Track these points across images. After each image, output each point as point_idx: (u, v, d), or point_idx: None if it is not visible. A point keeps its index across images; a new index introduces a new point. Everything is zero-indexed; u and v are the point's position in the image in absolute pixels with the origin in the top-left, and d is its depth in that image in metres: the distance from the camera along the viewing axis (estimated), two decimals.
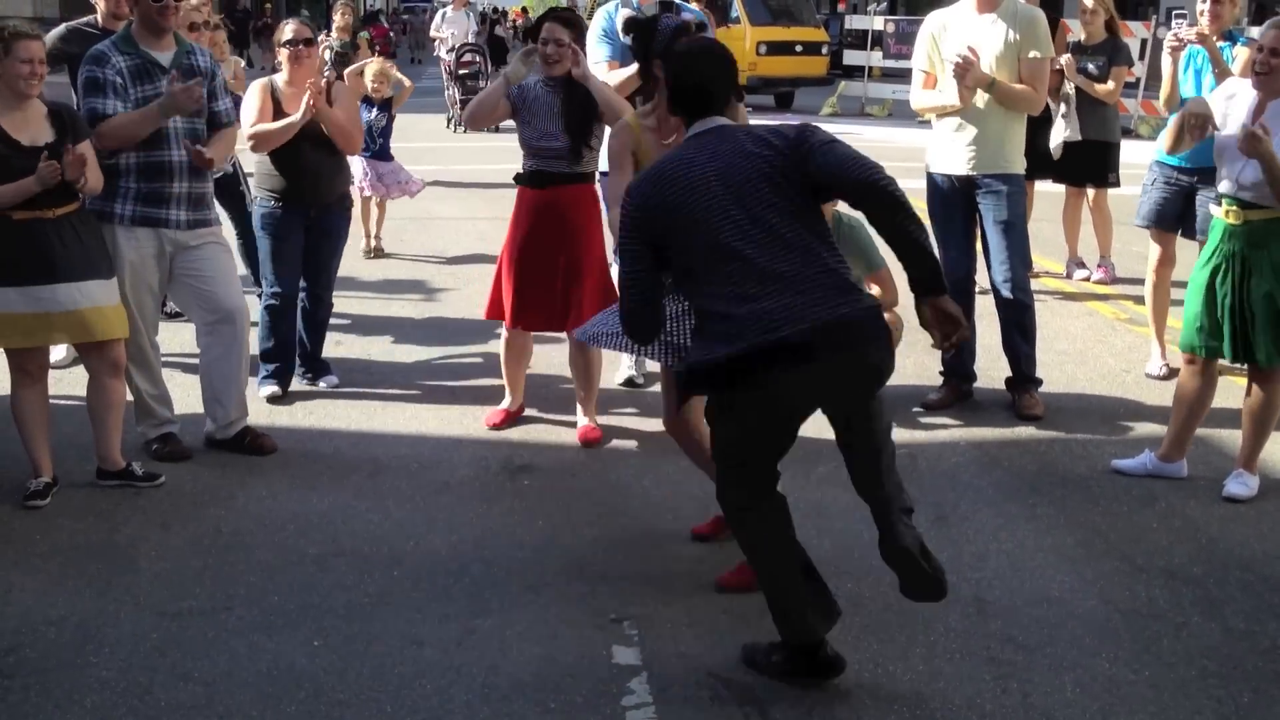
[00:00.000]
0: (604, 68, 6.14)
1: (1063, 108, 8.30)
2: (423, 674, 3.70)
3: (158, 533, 4.62)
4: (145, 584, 4.22)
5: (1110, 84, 8.38)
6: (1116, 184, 8.71)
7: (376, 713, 3.51)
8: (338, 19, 12.17)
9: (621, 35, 6.05)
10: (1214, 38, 6.28)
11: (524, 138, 5.54)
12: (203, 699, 3.56)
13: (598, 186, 5.60)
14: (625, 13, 6.01)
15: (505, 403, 5.86)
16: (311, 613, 4.05)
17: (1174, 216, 6.61)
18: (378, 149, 9.40)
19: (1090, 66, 8.36)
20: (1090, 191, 8.74)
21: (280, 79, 5.90)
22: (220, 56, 6.90)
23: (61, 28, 6.64)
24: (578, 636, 3.94)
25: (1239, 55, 6.29)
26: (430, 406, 6.03)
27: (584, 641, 3.91)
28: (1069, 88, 8.30)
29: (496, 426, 5.75)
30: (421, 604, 4.11)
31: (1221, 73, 6.15)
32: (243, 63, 7.30)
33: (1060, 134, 8.37)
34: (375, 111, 9.35)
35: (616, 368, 6.46)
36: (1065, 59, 8.10)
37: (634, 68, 5.87)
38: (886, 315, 5.85)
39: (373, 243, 9.50)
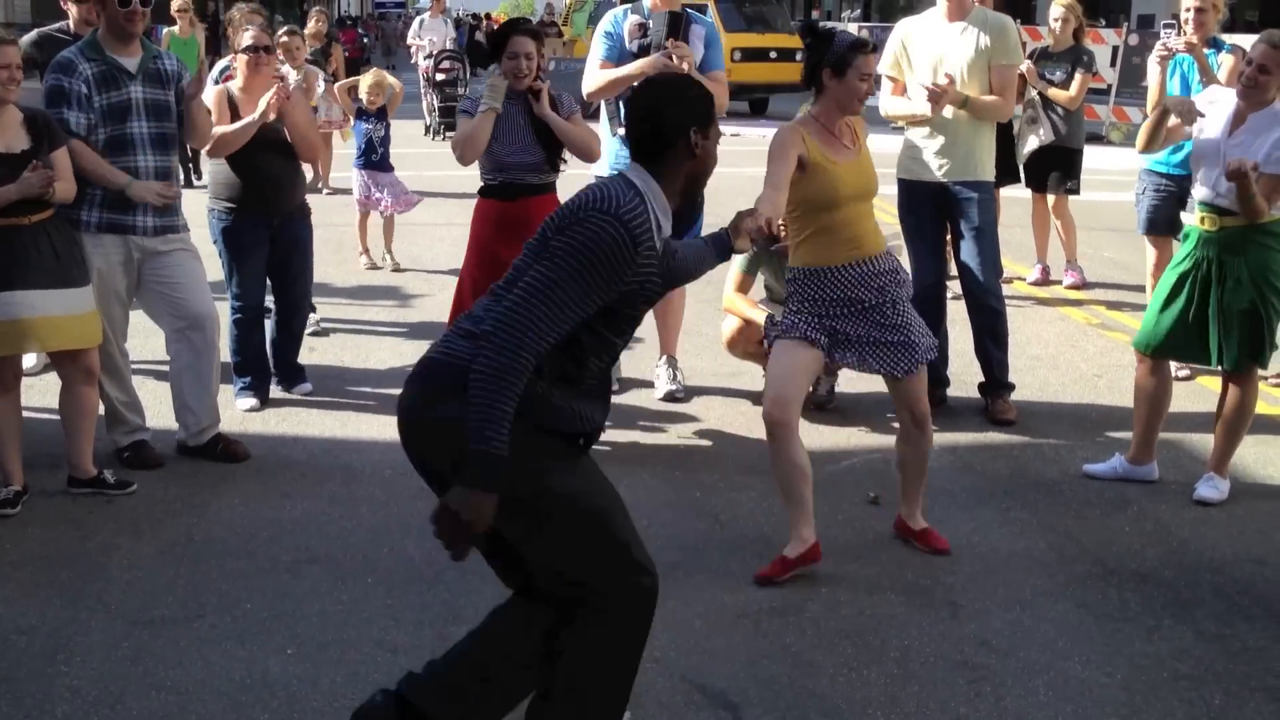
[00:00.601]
0: (597, 65, 6.13)
1: (1029, 113, 8.37)
2: (395, 680, 3.68)
3: (129, 541, 4.59)
4: (117, 592, 4.20)
5: (1073, 90, 8.43)
6: (1076, 191, 8.78)
7: None
8: (311, 25, 12.11)
9: (627, 41, 6.07)
10: (1201, 46, 6.35)
11: (494, 153, 5.45)
12: (175, 708, 3.54)
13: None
14: (634, 19, 6.02)
15: None
16: (285, 621, 4.03)
17: (1167, 221, 6.68)
18: (378, 159, 9.26)
19: (1056, 74, 8.42)
20: (1050, 197, 8.79)
21: (236, 86, 5.86)
22: (296, 64, 6.76)
23: (34, 33, 6.60)
24: None
25: (1224, 62, 6.37)
26: None
27: None
28: (1032, 93, 8.38)
29: None
30: (396, 611, 4.10)
31: (1209, 81, 6.20)
32: (320, 74, 7.00)
33: (1033, 141, 8.44)
34: (373, 122, 9.24)
35: None
36: (1026, 65, 8.17)
37: (628, 68, 5.87)
38: None
39: (388, 258, 9.37)
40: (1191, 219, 5.08)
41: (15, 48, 4.68)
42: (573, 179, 5.30)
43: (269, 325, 6.17)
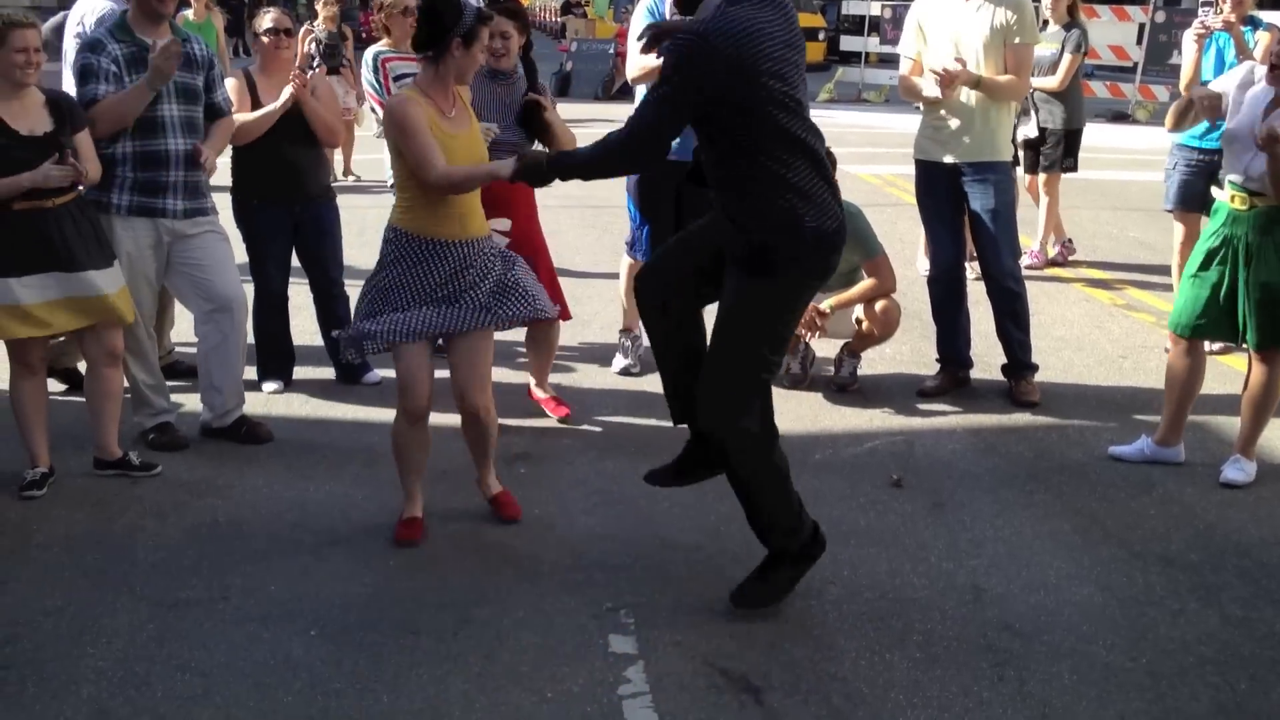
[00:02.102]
0: (639, 48, 6.11)
1: (1023, 103, 8.27)
2: (419, 663, 3.70)
3: (154, 523, 4.62)
4: (142, 574, 4.22)
5: (1060, 73, 8.31)
6: (1074, 169, 8.71)
7: (373, 703, 3.51)
8: (323, 9, 12.05)
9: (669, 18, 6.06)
10: (1239, 24, 6.29)
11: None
12: (200, 689, 3.56)
13: None
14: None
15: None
16: (308, 603, 4.05)
17: (1198, 197, 6.64)
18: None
19: (1043, 55, 8.32)
20: (1042, 176, 8.70)
21: (255, 69, 5.84)
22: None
23: (59, 15, 6.61)
24: (574, 625, 3.94)
25: (1260, 40, 6.32)
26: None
27: (580, 630, 3.91)
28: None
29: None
30: (418, 593, 4.11)
31: (1246, 59, 6.14)
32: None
33: (1021, 131, 8.34)
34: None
35: (579, 343, 6.46)
36: None
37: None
38: (883, 302, 5.94)
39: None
40: (1223, 195, 5.04)
41: (36, 31, 4.68)
42: None
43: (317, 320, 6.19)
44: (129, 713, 3.44)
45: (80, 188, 4.76)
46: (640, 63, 5.91)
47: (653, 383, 6.23)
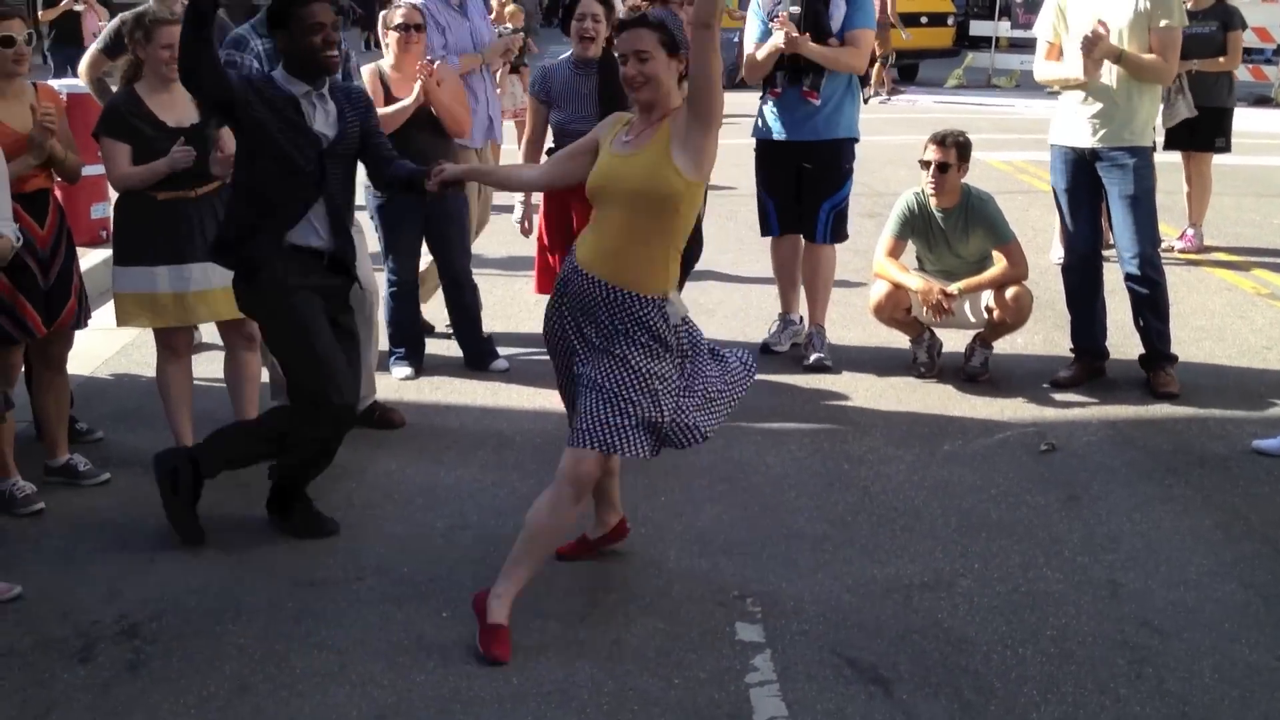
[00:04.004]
0: (751, 46, 6.24)
1: (1177, 82, 8.04)
2: (547, 646, 3.74)
3: None
4: (281, 554, 4.34)
5: (1230, 53, 8.13)
6: (1226, 149, 8.47)
7: (504, 684, 3.56)
8: (511, 6, 11.94)
9: (763, 11, 6.11)
10: None
11: (555, 121, 5.62)
12: (336, 666, 3.65)
13: None
14: None
15: None
16: (440, 585, 4.12)
17: None
18: None
19: (1200, 32, 8.08)
20: (1192, 156, 8.48)
21: (387, 64, 5.93)
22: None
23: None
24: (700, 612, 3.94)
25: None
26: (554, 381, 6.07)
27: (707, 617, 3.91)
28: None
29: None
30: (546, 577, 4.14)
31: None
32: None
33: (1179, 114, 8.15)
34: None
35: None
36: None
37: (762, 50, 5.97)
38: (1015, 289, 5.83)
39: None
40: None
41: (179, 28, 4.82)
42: None
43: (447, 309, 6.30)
44: (269, 689, 3.54)
45: (224, 179, 4.91)
46: (746, 64, 6.23)
47: (776, 369, 6.21)
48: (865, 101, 6.10)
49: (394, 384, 6.03)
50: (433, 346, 6.39)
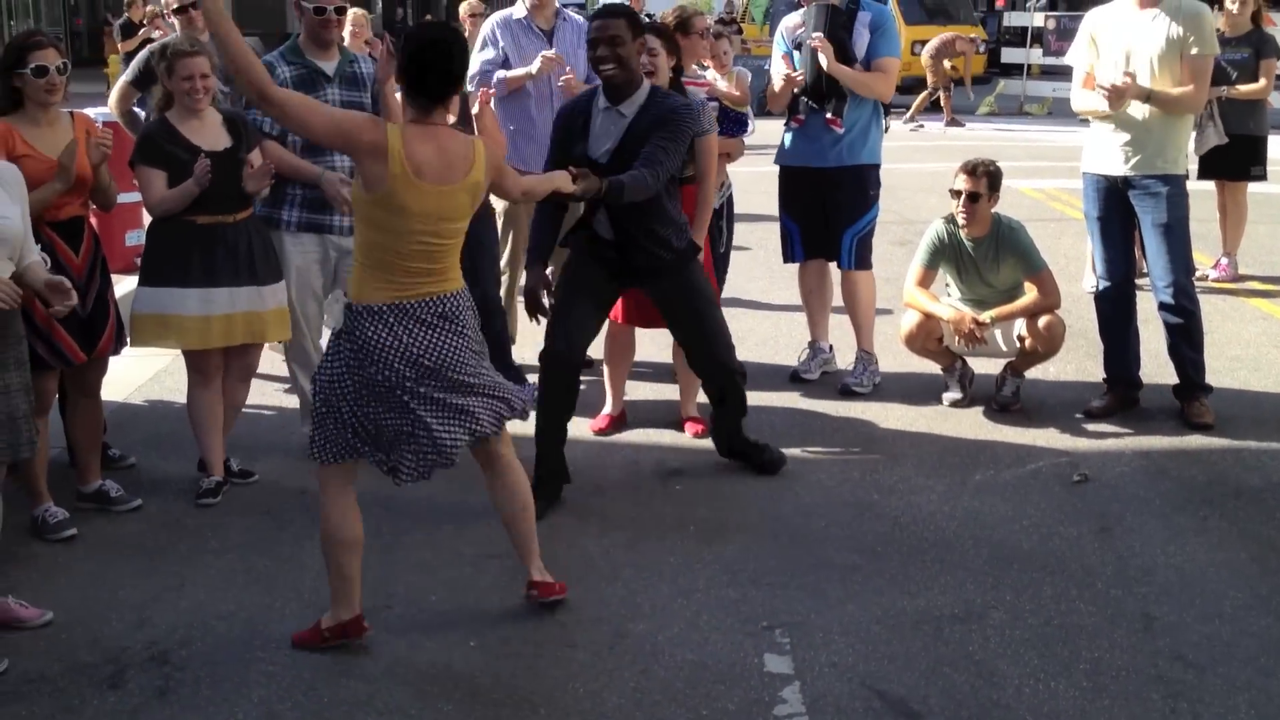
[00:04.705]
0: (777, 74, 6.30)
1: (1207, 109, 8.00)
2: (575, 676, 3.73)
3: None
4: (310, 581, 4.34)
5: (1261, 81, 8.08)
6: (1262, 177, 8.41)
7: (530, 714, 3.54)
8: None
9: (788, 39, 6.13)
10: None
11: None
12: (364, 695, 3.64)
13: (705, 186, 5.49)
14: (794, 17, 6.11)
15: (607, 408, 5.89)
16: (468, 613, 4.12)
17: None
18: None
19: (1234, 59, 8.03)
20: (1226, 184, 8.43)
21: None
22: (722, 69, 6.49)
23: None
24: (729, 643, 3.92)
25: None
26: (583, 410, 6.07)
27: (735, 648, 3.89)
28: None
29: (602, 431, 5.78)
30: (575, 607, 4.14)
31: None
32: (749, 75, 6.71)
33: (1209, 141, 8.11)
34: None
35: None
36: None
37: (779, 76, 5.99)
38: (1047, 318, 5.79)
39: None
40: None
41: (202, 58, 4.88)
42: None
43: None
44: (297, 716, 3.54)
45: (255, 205, 4.95)
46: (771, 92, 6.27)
47: (806, 397, 6.19)
48: (889, 129, 6.09)
49: None
50: None
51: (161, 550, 4.58)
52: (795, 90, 6.19)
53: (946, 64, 18.86)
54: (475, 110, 5.76)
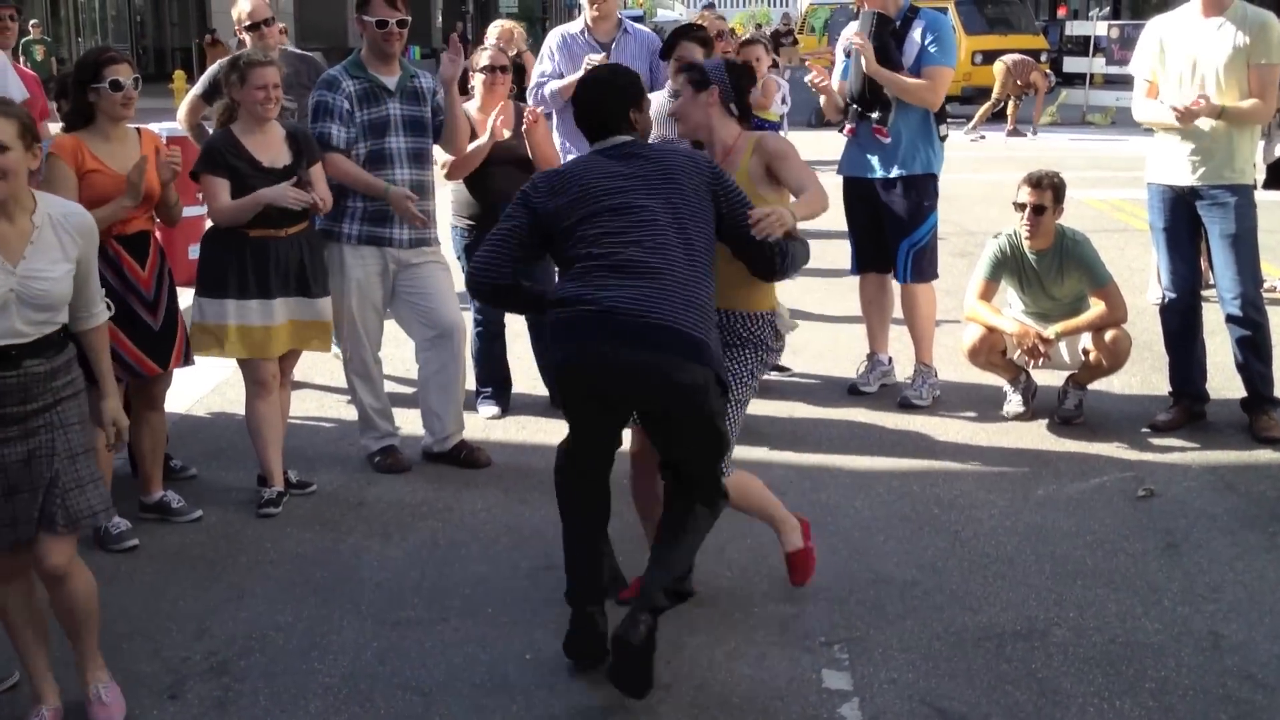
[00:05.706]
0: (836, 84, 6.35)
1: (1278, 117, 7.85)
2: None
3: (379, 543, 4.77)
4: (367, 593, 4.36)
5: None
6: None
7: None
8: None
9: (840, 48, 6.13)
10: None
11: None
12: (420, 708, 3.65)
13: None
14: (853, 26, 6.12)
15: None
16: (524, 626, 4.11)
17: None
18: None
19: None
20: None
21: (474, 106, 5.97)
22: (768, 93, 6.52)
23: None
24: (787, 658, 3.88)
25: None
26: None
27: (793, 664, 3.85)
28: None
29: None
30: None
31: None
32: (779, 83, 6.63)
33: (1276, 151, 7.98)
34: None
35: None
36: None
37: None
38: (1113, 332, 5.70)
39: None
40: None
41: (274, 68, 4.94)
42: None
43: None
44: None
45: (314, 218, 4.99)
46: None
47: (862, 410, 6.13)
48: (946, 137, 6.02)
49: (480, 423, 6.05)
50: (519, 385, 6.41)
51: (221, 561, 4.62)
52: (843, 99, 6.18)
53: (1017, 83, 18.66)
54: (524, 127, 5.82)
